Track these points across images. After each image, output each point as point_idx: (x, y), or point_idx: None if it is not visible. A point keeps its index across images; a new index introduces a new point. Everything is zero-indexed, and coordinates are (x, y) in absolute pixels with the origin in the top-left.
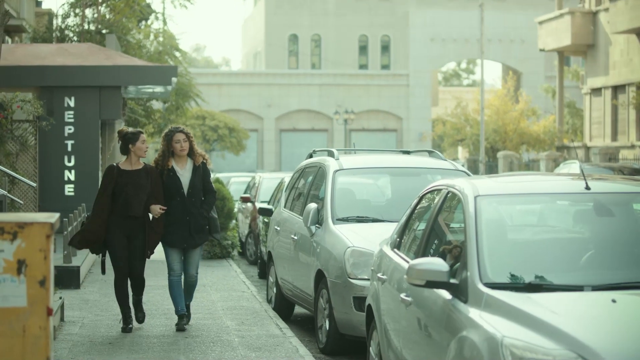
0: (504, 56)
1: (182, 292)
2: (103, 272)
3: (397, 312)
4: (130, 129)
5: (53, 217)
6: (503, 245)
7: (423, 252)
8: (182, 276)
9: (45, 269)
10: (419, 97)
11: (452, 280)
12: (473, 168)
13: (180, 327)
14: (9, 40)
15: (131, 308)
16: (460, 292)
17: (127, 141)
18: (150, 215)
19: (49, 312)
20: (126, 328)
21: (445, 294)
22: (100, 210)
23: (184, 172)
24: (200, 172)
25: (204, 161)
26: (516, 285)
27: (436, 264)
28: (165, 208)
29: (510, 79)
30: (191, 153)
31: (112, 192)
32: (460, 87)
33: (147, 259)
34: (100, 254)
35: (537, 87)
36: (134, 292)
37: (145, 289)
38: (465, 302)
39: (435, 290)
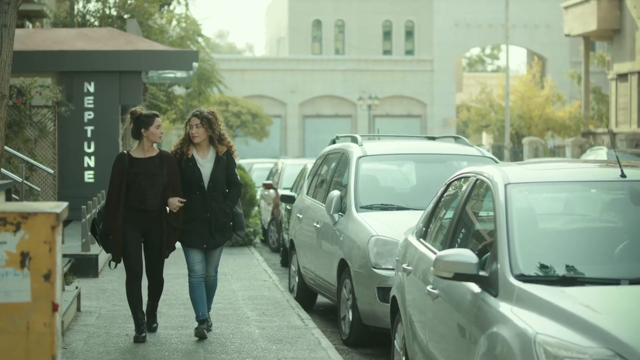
0: (529, 41)
1: (204, 295)
2: (112, 267)
3: (423, 305)
4: (145, 111)
5: (59, 206)
6: (535, 236)
7: (450, 242)
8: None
9: (50, 262)
10: (443, 83)
11: (482, 273)
12: (498, 154)
13: (200, 333)
14: (30, 25)
15: (145, 314)
16: (490, 285)
17: (140, 124)
18: (168, 209)
19: (55, 307)
20: (139, 337)
21: (474, 287)
22: (112, 209)
23: (205, 163)
24: (224, 162)
25: (229, 150)
26: (549, 279)
27: (465, 255)
28: (184, 201)
29: (535, 65)
30: (213, 141)
31: (124, 183)
32: (485, 72)
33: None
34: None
35: (562, 73)
36: (150, 297)
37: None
38: (495, 295)
39: (464, 283)
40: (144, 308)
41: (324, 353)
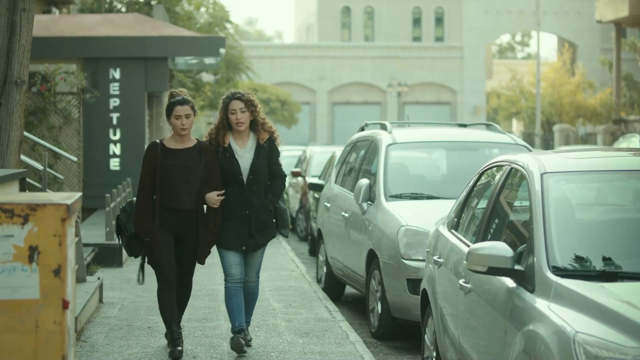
0: (560, 28)
1: (242, 303)
2: (141, 280)
3: (455, 299)
4: (178, 96)
5: (71, 197)
6: (573, 228)
7: (483, 234)
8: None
9: (60, 256)
10: (473, 70)
11: (517, 267)
12: (528, 141)
13: (237, 344)
14: (57, 12)
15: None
16: (526, 280)
17: (166, 112)
18: (205, 207)
19: (65, 304)
20: (175, 352)
21: (509, 282)
22: (145, 206)
23: (244, 152)
24: (265, 151)
25: (272, 137)
26: (588, 273)
27: (499, 248)
28: (222, 192)
29: (565, 52)
30: (254, 127)
31: (156, 177)
32: (515, 60)
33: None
34: (141, 256)
35: (593, 60)
36: (177, 303)
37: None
38: (531, 291)
39: (498, 277)
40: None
41: (351, 347)
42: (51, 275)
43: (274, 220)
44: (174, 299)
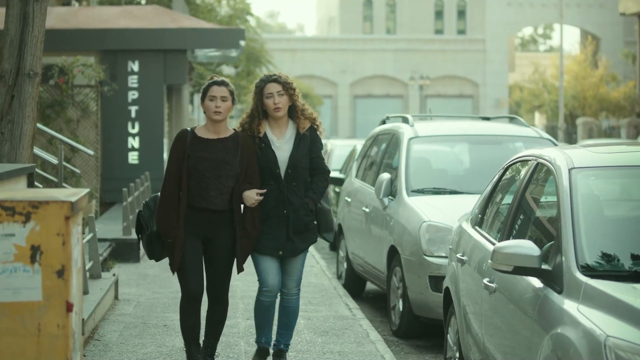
0: (582, 21)
1: (272, 318)
2: (173, 270)
3: (479, 298)
4: (216, 78)
5: (76, 194)
6: (603, 225)
7: (508, 231)
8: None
9: (64, 256)
10: (496, 63)
11: (544, 266)
12: (551, 135)
13: None
14: (76, 4)
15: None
16: (554, 280)
17: (201, 95)
18: (242, 207)
19: (69, 307)
20: None
21: (535, 282)
22: (169, 204)
23: (282, 143)
24: (307, 142)
25: (313, 125)
26: (619, 273)
27: (525, 247)
28: (263, 192)
29: (589, 44)
30: (293, 114)
31: (184, 170)
32: (537, 52)
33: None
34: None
35: (617, 52)
36: (208, 327)
37: None
38: (559, 292)
39: (524, 277)
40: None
41: (372, 347)
42: (54, 277)
43: (315, 222)
44: (197, 314)
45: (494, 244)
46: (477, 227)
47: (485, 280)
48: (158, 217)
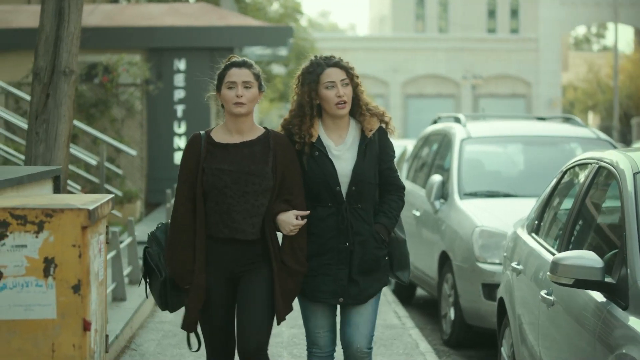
0: (637, 19)
1: None
2: (195, 345)
3: (536, 309)
4: (235, 58)
5: (96, 201)
6: None
7: (567, 239)
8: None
9: (80, 270)
10: (549, 62)
11: (607, 279)
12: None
13: None
14: (124, 1)
15: None
16: (618, 294)
17: (217, 83)
18: (280, 236)
19: (87, 326)
20: None
21: (598, 296)
22: (181, 236)
23: (343, 151)
24: (375, 149)
25: (383, 125)
26: None
27: (587, 258)
28: (306, 214)
29: None
30: (355, 111)
31: (198, 188)
32: (590, 52)
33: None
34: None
35: None
36: None
37: None
38: (624, 307)
39: (586, 290)
40: None
41: (421, 358)
42: (69, 292)
43: (387, 258)
44: None
45: (551, 252)
46: (533, 234)
47: (543, 293)
48: (168, 256)
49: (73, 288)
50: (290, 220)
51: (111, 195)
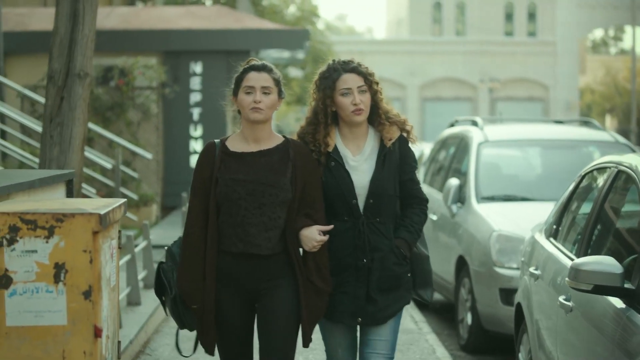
0: None
1: None
2: (208, 353)
3: (554, 315)
4: (255, 62)
5: (107, 205)
6: None
7: (586, 244)
8: None
9: (91, 275)
10: (566, 65)
11: (627, 285)
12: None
13: None
14: (140, 4)
15: None
16: (638, 300)
17: (234, 87)
18: (301, 250)
19: (97, 332)
20: None
21: (617, 302)
22: (193, 252)
23: (360, 161)
24: (395, 159)
25: (404, 134)
26: None
27: (606, 264)
28: (329, 228)
29: None
30: (374, 118)
31: (211, 200)
32: (608, 55)
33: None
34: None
35: None
36: None
37: None
38: None
39: (605, 296)
40: None
41: None
42: (80, 298)
43: (409, 275)
44: None
45: (570, 257)
46: (551, 239)
47: (561, 298)
48: (179, 274)
49: (84, 294)
50: (314, 236)
51: (123, 200)
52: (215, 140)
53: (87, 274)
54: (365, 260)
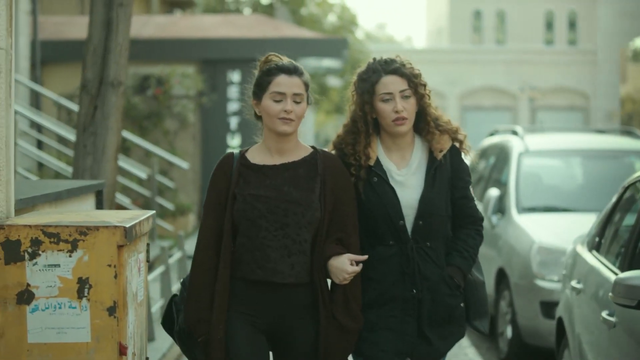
0: None
1: None
2: None
3: (597, 330)
4: (280, 61)
5: (135, 218)
6: None
7: (630, 258)
8: None
9: (116, 291)
10: (607, 74)
11: None
12: None
13: None
14: (178, 12)
15: None
16: None
17: (255, 89)
18: (329, 282)
19: (122, 350)
20: None
21: None
22: (201, 278)
23: (407, 176)
24: (447, 173)
25: (456, 144)
26: None
27: None
28: (363, 259)
29: None
30: (421, 126)
31: (226, 219)
32: None
33: None
34: None
35: None
36: None
37: None
38: None
39: None
40: None
41: None
42: (104, 314)
43: (462, 305)
44: None
45: (612, 271)
46: (594, 251)
47: (604, 314)
48: (187, 303)
49: (108, 310)
50: (345, 267)
51: (152, 212)
52: (234, 151)
53: (111, 289)
54: (415, 291)
